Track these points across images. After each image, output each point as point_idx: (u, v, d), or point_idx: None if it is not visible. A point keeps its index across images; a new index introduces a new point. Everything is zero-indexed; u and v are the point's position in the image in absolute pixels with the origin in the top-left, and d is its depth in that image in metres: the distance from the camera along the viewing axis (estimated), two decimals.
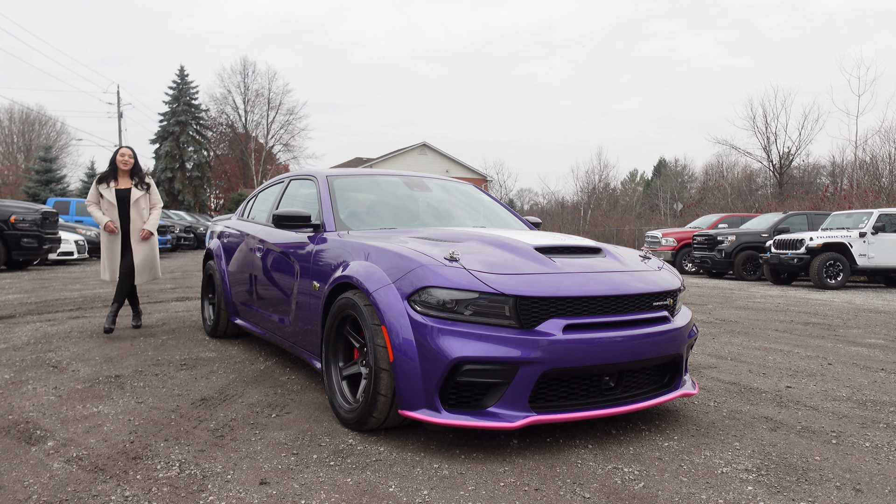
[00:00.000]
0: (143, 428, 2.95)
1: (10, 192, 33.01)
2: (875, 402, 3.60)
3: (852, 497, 2.32)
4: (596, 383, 2.81)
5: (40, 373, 3.99)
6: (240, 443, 2.78)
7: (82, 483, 2.33)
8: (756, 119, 36.49)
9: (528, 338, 2.59)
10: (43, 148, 33.49)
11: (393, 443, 2.80)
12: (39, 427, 2.95)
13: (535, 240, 3.24)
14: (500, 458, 2.63)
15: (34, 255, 12.07)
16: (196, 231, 23.45)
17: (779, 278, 13.09)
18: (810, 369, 4.46)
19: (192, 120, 42.18)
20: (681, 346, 3.03)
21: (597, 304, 2.78)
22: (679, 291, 3.21)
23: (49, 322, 5.99)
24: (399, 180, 4.57)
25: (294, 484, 2.35)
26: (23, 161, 41.16)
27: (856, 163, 25.98)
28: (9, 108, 47.91)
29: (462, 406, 2.65)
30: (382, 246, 3.07)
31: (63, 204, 18.63)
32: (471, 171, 40.68)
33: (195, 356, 4.56)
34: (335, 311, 3.11)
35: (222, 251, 5.28)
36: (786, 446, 2.84)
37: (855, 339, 5.84)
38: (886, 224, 12.15)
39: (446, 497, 2.25)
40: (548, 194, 61.42)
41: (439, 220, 4.20)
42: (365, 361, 2.95)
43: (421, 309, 2.67)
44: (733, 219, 17.27)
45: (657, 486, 2.37)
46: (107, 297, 8.17)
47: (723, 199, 33.84)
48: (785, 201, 26.43)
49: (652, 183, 60.13)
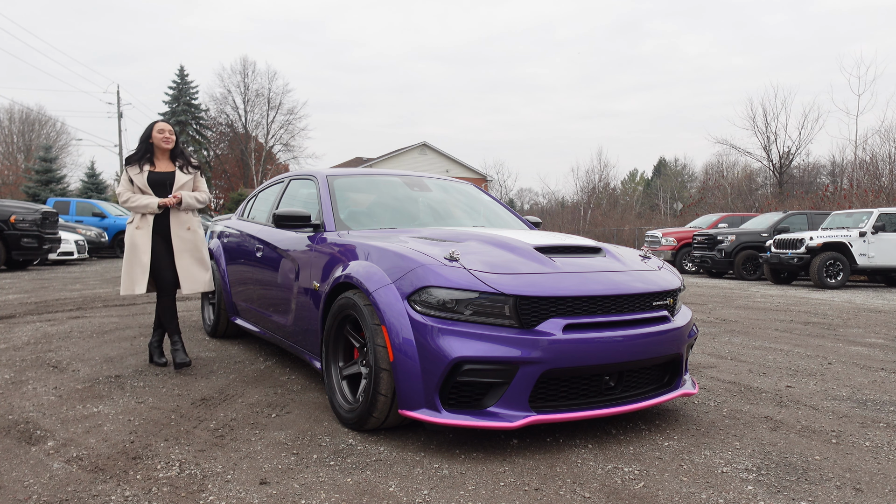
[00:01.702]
0: (144, 428, 2.95)
1: (10, 192, 33.03)
2: (875, 402, 3.60)
3: (852, 496, 2.32)
4: (596, 383, 2.81)
5: (40, 373, 3.99)
6: (240, 443, 2.78)
7: (82, 483, 2.33)
8: (756, 118, 36.50)
9: (528, 337, 2.59)
10: (43, 148, 33.47)
11: (393, 443, 2.80)
12: (39, 427, 2.95)
13: (535, 239, 3.24)
14: (500, 457, 2.63)
15: (34, 255, 12.07)
16: None
17: (779, 278, 13.09)
18: (810, 369, 4.46)
19: (192, 120, 42.22)
20: (681, 345, 3.03)
21: (597, 304, 2.78)
22: (679, 291, 3.21)
23: (49, 322, 5.99)
24: (399, 180, 4.57)
25: (294, 484, 2.35)
26: (23, 161, 41.17)
27: (856, 162, 25.98)
28: (9, 108, 47.89)
29: (462, 406, 2.65)
30: (382, 246, 3.07)
31: (63, 204, 18.62)
32: (471, 170, 40.68)
33: (195, 356, 4.56)
34: (335, 310, 3.11)
35: (222, 251, 5.28)
36: (786, 446, 2.84)
37: (855, 338, 5.84)
38: (886, 223, 12.15)
39: (446, 497, 2.25)
40: (548, 194, 61.45)
41: (439, 220, 4.20)
42: (365, 361, 2.96)
43: (421, 309, 2.67)
44: (733, 218, 17.27)
45: (657, 486, 2.37)
46: (107, 296, 8.16)
47: (723, 198, 33.85)
48: (785, 201, 26.42)
49: (652, 182, 60.11)
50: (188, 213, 4.15)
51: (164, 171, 4.12)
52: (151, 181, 4.07)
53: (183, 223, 4.12)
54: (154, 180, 4.08)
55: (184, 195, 4.08)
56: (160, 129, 4.12)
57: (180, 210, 4.10)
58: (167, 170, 4.14)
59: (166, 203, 4.02)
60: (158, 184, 4.09)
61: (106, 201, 23.66)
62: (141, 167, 4.08)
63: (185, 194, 4.10)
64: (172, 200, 4.04)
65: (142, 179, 4.07)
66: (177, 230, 4.10)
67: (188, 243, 4.12)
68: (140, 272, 4.00)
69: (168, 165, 4.17)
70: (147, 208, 4.01)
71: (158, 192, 4.08)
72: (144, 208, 4.01)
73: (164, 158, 4.17)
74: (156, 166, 4.13)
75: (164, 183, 4.10)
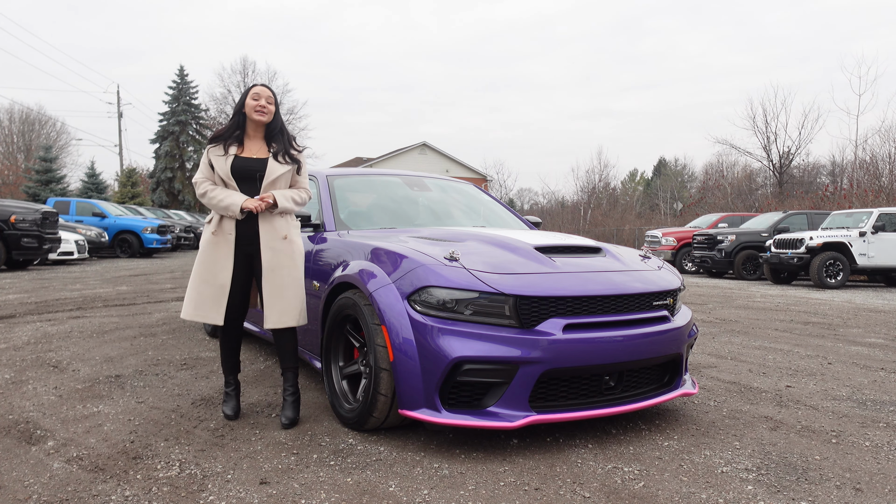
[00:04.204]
0: (144, 428, 2.95)
1: (10, 192, 33.00)
2: (875, 402, 3.60)
3: (852, 496, 2.32)
4: (596, 383, 2.81)
5: (40, 373, 3.99)
6: (240, 442, 2.78)
7: (82, 483, 2.33)
8: (756, 118, 36.57)
9: (528, 337, 2.59)
10: (43, 148, 33.47)
11: (393, 442, 2.80)
12: (39, 427, 2.95)
13: (535, 239, 3.24)
14: (500, 457, 2.63)
15: (34, 254, 12.07)
16: (196, 231, 23.45)
17: (779, 278, 13.09)
18: (810, 369, 4.46)
19: (191, 120, 42.16)
20: (681, 345, 3.03)
21: (597, 304, 2.78)
22: (679, 291, 3.21)
23: (49, 322, 5.99)
24: (399, 180, 4.57)
25: (294, 483, 2.35)
26: (23, 161, 41.16)
27: (856, 162, 26.00)
28: (9, 108, 47.97)
29: (462, 406, 2.65)
30: (382, 245, 3.07)
31: (63, 204, 18.61)
32: (471, 170, 40.67)
33: (195, 356, 4.56)
34: (335, 310, 3.12)
35: None
36: (786, 446, 2.84)
37: (855, 338, 5.84)
38: (886, 223, 12.15)
39: (446, 497, 2.25)
40: (548, 194, 61.52)
41: (439, 220, 4.20)
42: (365, 361, 2.96)
43: (421, 308, 2.67)
44: (733, 218, 17.27)
45: (657, 486, 2.37)
46: (107, 296, 8.15)
47: (723, 198, 33.86)
48: (785, 201, 26.43)
49: (652, 182, 60.13)
50: (285, 217, 3.10)
51: (255, 156, 3.07)
52: (236, 170, 3.03)
53: (277, 230, 3.04)
54: (239, 168, 3.03)
55: (277, 197, 3.01)
56: (255, 95, 3.07)
57: (274, 213, 3.06)
58: (259, 155, 3.08)
59: (252, 208, 2.96)
60: (244, 174, 3.03)
61: (106, 201, 23.68)
62: (226, 148, 3.04)
63: (280, 195, 3.03)
64: (261, 205, 2.97)
65: (224, 167, 3.01)
66: (268, 239, 3.02)
67: (283, 258, 3.03)
68: (214, 295, 3.02)
69: (261, 149, 3.11)
70: (227, 211, 2.97)
71: (243, 185, 3.04)
72: (224, 210, 2.98)
73: (256, 138, 3.12)
74: (244, 148, 3.09)
75: (253, 174, 3.05)
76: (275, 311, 3.01)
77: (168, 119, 41.79)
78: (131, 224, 17.95)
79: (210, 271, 3.02)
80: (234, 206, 2.96)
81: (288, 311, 3.04)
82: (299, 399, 3.14)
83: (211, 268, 3.02)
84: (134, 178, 34.85)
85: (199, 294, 3.03)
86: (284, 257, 3.04)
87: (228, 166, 3.01)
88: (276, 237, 3.03)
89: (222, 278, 3.01)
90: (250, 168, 3.04)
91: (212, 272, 3.02)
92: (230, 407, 3.16)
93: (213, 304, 3.01)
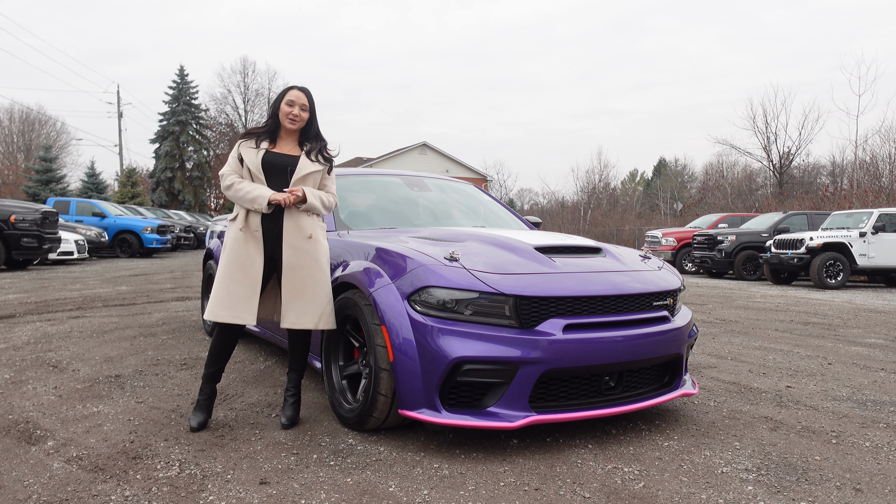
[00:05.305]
0: (143, 428, 2.95)
1: (10, 192, 33.00)
2: (875, 402, 3.60)
3: (852, 497, 2.32)
4: (596, 383, 2.81)
5: (40, 373, 3.99)
6: (240, 442, 2.78)
7: (82, 483, 2.33)
8: (756, 118, 36.63)
9: (528, 337, 2.59)
10: (43, 148, 33.47)
11: (393, 443, 2.80)
12: (39, 427, 2.95)
13: (535, 239, 3.24)
14: (500, 457, 2.63)
15: (34, 254, 12.07)
16: (196, 231, 23.47)
17: (779, 278, 13.09)
18: (810, 369, 4.46)
19: (191, 120, 42.16)
20: (681, 345, 3.03)
21: (597, 304, 2.78)
22: (679, 291, 3.21)
23: (49, 322, 5.99)
24: (399, 180, 4.57)
25: (294, 484, 2.35)
26: (23, 161, 41.17)
27: (856, 162, 26.00)
28: (9, 108, 47.97)
29: (462, 406, 2.65)
30: (382, 246, 3.07)
31: (63, 204, 18.61)
32: (471, 170, 40.67)
33: (195, 356, 4.56)
34: (335, 310, 3.11)
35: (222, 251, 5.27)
36: (786, 446, 2.84)
37: (855, 338, 5.84)
38: (886, 224, 12.15)
39: (446, 497, 2.25)
40: (548, 194, 61.54)
41: (439, 220, 4.21)
42: (365, 361, 2.96)
43: (421, 309, 2.67)
44: (733, 219, 17.28)
45: (657, 486, 2.37)
46: (107, 296, 8.15)
47: (723, 198, 33.86)
48: (785, 201, 26.43)
49: (652, 183, 60.15)
50: (311, 217, 3.01)
51: (286, 152, 3.02)
52: (266, 163, 2.96)
53: (302, 229, 2.95)
54: (269, 163, 2.96)
55: (307, 192, 2.93)
56: (290, 101, 2.99)
57: (300, 210, 2.97)
58: (290, 152, 3.03)
59: (280, 201, 2.88)
60: (274, 168, 2.97)
61: (106, 201, 23.68)
62: (258, 143, 2.99)
63: (309, 191, 2.95)
64: (289, 198, 2.88)
65: (255, 160, 2.95)
66: (291, 237, 2.94)
67: (305, 258, 2.94)
68: (244, 294, 2.89)
69: (293, 147, 3.06)
70: (254, 203, 2.87)
71: (272, 180, 2.96)
72: (251, 203, 2.88)
73: (289, 138, 3.07)
74: (276, 145, 3.04)
75: (283, 169, 2.98)
76: (292, 311, 2.93)
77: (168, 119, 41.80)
78: (131, 224, 17.95)
79: (241, 269, 2.90)
80: (261, 199, 2.86)
81: (306, 314, 2.94)
82: (300, 400, 3.12)
83: (241, 265, 2.91)
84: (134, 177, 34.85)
85: (230, 294, 2.89)
86: (307, 257, 2.94)
87: (259, 159, 2.95)
88: (300, 235, 2.94)
89: (253, 276, 2.91)
90: (280, 163, 2.98)
91: (242, 270, 2.91)
92: (198, 419, 2.92)
93: (246, 303, 2.89)
